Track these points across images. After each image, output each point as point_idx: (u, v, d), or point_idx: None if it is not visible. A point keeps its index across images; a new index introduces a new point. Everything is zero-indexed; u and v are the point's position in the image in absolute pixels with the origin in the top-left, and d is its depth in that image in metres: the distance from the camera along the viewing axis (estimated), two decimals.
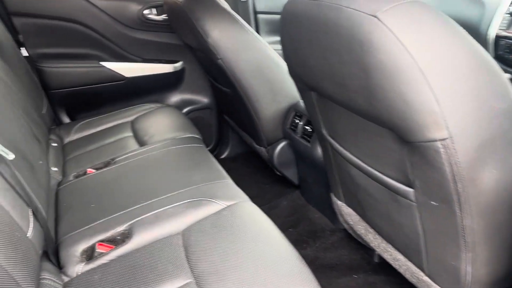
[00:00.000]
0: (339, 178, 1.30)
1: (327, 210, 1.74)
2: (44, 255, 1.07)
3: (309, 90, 1.11)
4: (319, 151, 1.52)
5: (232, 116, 2.18)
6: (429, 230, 0.93)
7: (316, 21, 0.86)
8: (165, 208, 1.20)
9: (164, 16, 2.16)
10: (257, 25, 2.64)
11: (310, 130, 1.62)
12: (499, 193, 0.78)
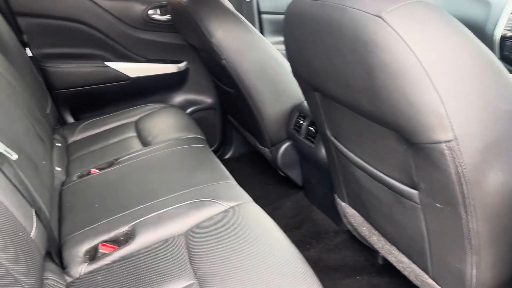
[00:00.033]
0: (343, 179, 1.29)
1: (331, 211, 1.73)
2: (47, 255, 1.07)
3: (313, 91, 1.10)
4: (323, 152, 1.51)
5: (235, 117, 2.18)
6: (433, 232, 0.92)
7: (320, 21, 0.85)
8: (168, 208, 1.20)
9: (168, 16, 2.16)
10: (261, 25, 2.64)
11: (314, 130, 1.61)
12: (505, 195, 0.78)
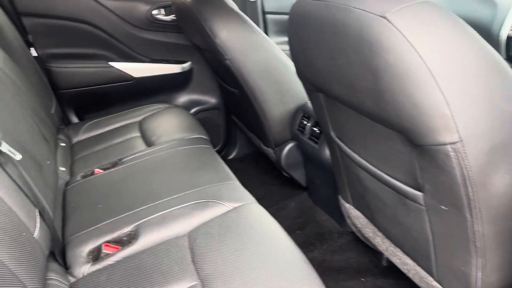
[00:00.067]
0: (347, 181, 1.29)
1: (335, 212, 1.72)
2: (51, 255, 1.07)
3: (317, 91, 1.10)
4: (327, 153, 1.50)
5: (239, 117, 2.18)
6: (438, 234, 0.92)
7: (324, 21, 0.84)
8: (171, 209, 1.20)
9: (172, 17, 2.16)
10: (265, 25, 2.63)
11: (318, 131, 1.60)
12: (511, 197, 0.77)
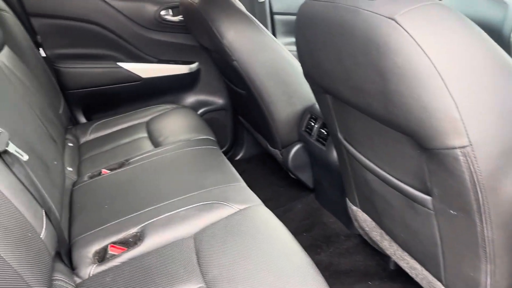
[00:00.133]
0: (354, 183, 1.27)
1: (342, 215, 1.71)
2: (57, 255, 1.07)
3: (324, 93, 1.09)
4: (334, 155, 1.49)
5: (247, 118, 2.17)
6: (447, 239, 0.90)
7: (332, 23, 0.84)
8: (177, 210, 1.20)
9: (180, 17, 2.16)
10: (273, 26, 2.63)
11: (325, 133, 1.59)
12: None
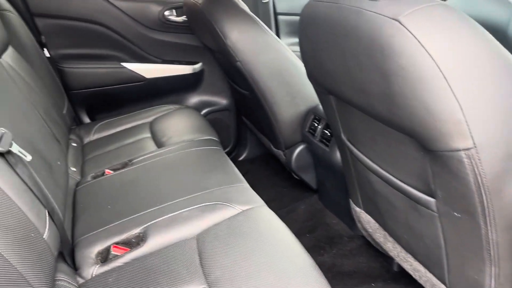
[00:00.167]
0: (357, 184, 1.27)
1: (345, 216, 1.70)
2: (60, 256, 1.07)
3: (328, 94, 1.08)
4: (338, 156, 1.49)
5: (250, 118, 2.17)
6: (451, 242, 0.90)
7: (335, 24, 0.83)
8: (180, 211, 1.20)
9: (184, 18, 2.16)
10: (277, 26, 2.62)
11: (329, 134, 1.59)
12: None
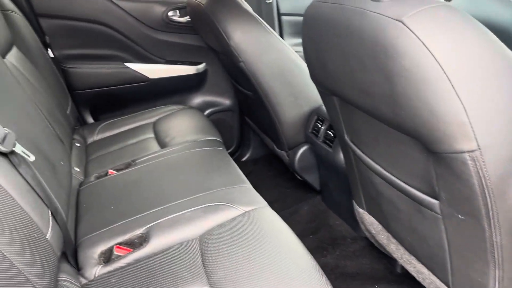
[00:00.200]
0: (361, 185, 1.26)
1: (349, 217, 1.70)
2: (63, 256, 1.08)
3: (331, 95, 1.08)
4: (341, 157, 1.48)
5: (253, 119, 2.17)
6: (455, 244, 0.89)
7: (338, 25, 0.83)
8: (183, 212, 1.20)
9: (187, 18, 2.16)
10: (280, 27, 2.62)
11: (332, 135, 1.58)
12: None
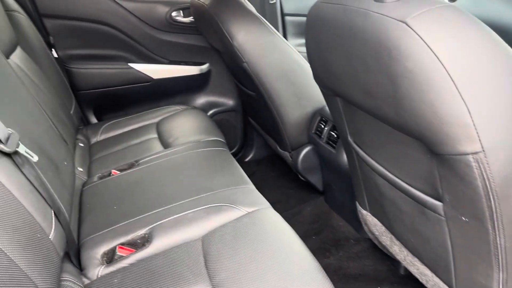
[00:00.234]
0: (364, 187, 1.26)
1: (352, 218, 1.69)
2: (66, 256, 1.08)
3: (334, 96, 1.08)
4: (345, 158, 1.48)
5: (256, 119, 2.16)
6: (458, 246, 0.88)
7: (341, 25, 0.83)
8: (185, 212, 1.20)
9: (191, 18, 2.16)
10: (284, 27, 2.61)
11: (335, 136, 1.58)
12: None
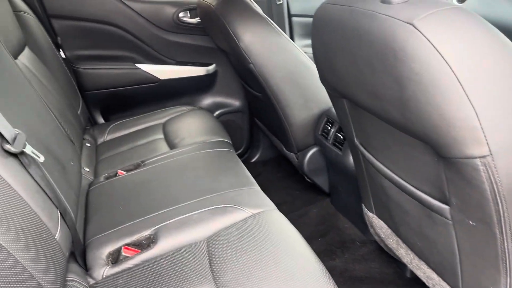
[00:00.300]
0: (370, 189, 1.25)
1: (358, 221, 1.68)
2: (72, 256, 1.08)
3: (341, 97, 1.07)
4: (351, 160, 1.47)
5: (263, 120, 2.16)
6: (465, 250, 0.87)
7: (348, 27, 0.82)
8: (191, 213, 1.20)
9: (198, 19, 2.16)
10: (291, 28, 2.61)
11: (342, 137, 1.57)
12: None
